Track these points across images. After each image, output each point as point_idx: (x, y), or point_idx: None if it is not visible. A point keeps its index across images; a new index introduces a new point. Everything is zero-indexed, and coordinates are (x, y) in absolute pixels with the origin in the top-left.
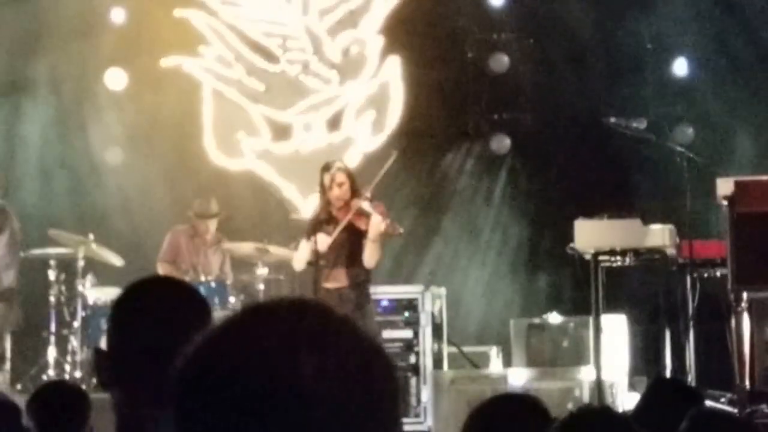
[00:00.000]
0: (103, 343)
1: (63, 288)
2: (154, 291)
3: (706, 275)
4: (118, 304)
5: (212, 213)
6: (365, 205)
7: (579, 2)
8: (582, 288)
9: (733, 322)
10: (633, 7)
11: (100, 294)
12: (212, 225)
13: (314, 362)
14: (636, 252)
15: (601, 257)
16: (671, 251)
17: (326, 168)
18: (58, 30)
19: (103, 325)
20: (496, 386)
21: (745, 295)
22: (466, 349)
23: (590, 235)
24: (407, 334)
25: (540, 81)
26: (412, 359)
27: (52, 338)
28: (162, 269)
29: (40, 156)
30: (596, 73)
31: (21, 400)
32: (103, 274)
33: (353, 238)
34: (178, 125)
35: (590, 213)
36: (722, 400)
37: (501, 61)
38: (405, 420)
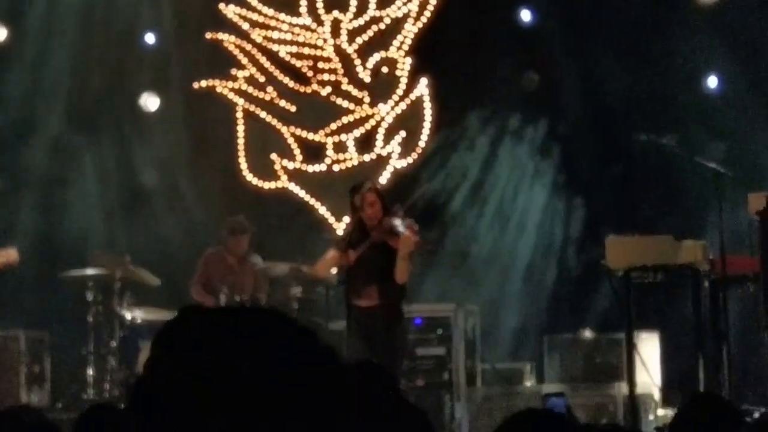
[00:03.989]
0: (141, 363)
1: (101, 308)
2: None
3: (739, 290)
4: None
5: (243, 229)
6: (396, 223)
7: (611, 22)
8: (614, 304)
9: (766, 336)
10: (665, 24)
11: (137, 314)
12: (244, 241)
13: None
14: (668, 268)
15: (633, 273)
16: (703, 267)
17: (357, 189)
18: (92, 54)
19: (141, 344)
20: (529, 402)
21: None
22: (500, 365)
23: (622, 251)
24: (440, 351)
25: (571, 97)
26: (446, 376)
27: (91, 357)
28: (195, 294)
29: (77, 179)
30: (627, 89)
31: (62, 417)
32: (140, 294)
33: (384, 255)
34: (212, 147)
35: (622, 230)
36: (756, 415)
37: (533, 78)
38: None
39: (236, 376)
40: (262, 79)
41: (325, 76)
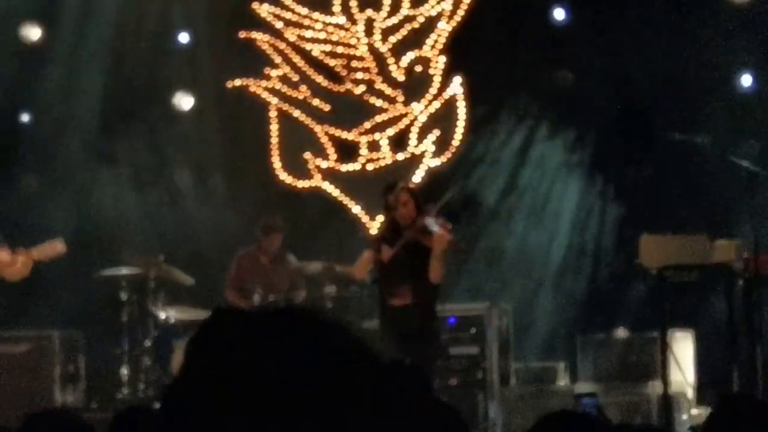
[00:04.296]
0: (175, 362)
1: (135, 308)
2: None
3: None
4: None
5: (277, 228)
6: (430, 223)
7: (644, 20)
8: (648, 303)
9: None
10: (699, 23)
11: (171, 313)
12: (277, 240)
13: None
14: (702, 267)
15: (667, 273)
16: (737, 266)
17: (390, 188)
18: (126, 54)
19: (174, 343)
20: (562, 402)
21: None
22: (533, 364)
23: (656, 250)
24: (474, 350)
25: (606, 94)
26: (479, 376)
27: (125, 357)
28: (229, 295)
29: (112, 178)
30: (660, 87)
31: (96, 417)
32: (174, 293)
33: (418, 255)
34: (245, 146)
35: (655, 228)
36: None
37: (566, 77)
38: None
39: (269, 378)
40: (295, 78)
41: (359, 75)
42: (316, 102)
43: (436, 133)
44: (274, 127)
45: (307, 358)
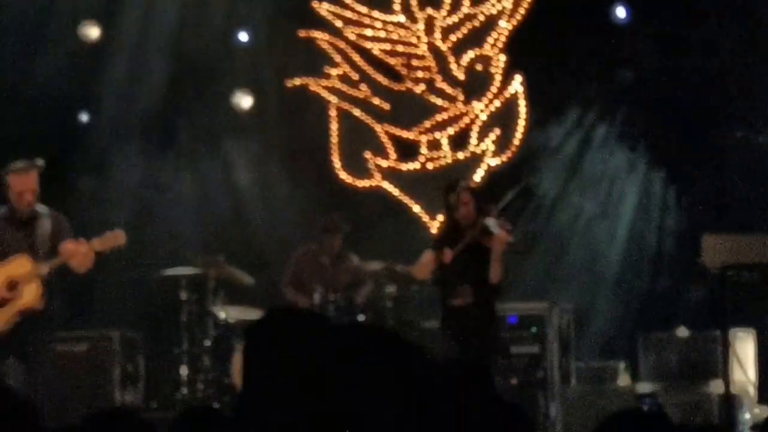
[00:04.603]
0: (235, 363)
1: (194, 307)
2: (283, 325)
3: None
4: (248, 341)
5: (336, 227)
6: (490, 223)
7: (704, 18)
8: (710, 302)
9: None
10: (762, 20)
11: (230, 313)
12: (336, 239)
13: None
14: (764, 267)
15: (729, 272)
16: None
17: (451, 188)
18: (186, 53)
19: (234, 343)
20: (623, 400)
21: None
22: (594, 363)
23: (718, 249)
24: (534, 349)
25: (667, 93)
26: (540, 375)
27: (184, 357)
28: (288, 293)
29: (172, 178)
30: (721, 85)
31: (156, 417)
32: (234, 293)
33: (479, 255)
34: (305, 145)
35: (718, 228)
36: None
37: (626, 75)
38: None
39: (321, 378)
40: (355, 76)
41: (419, 74)
42: (376, 101)
43: (497, 132)
44: (334, 127)
45: (359, 361)
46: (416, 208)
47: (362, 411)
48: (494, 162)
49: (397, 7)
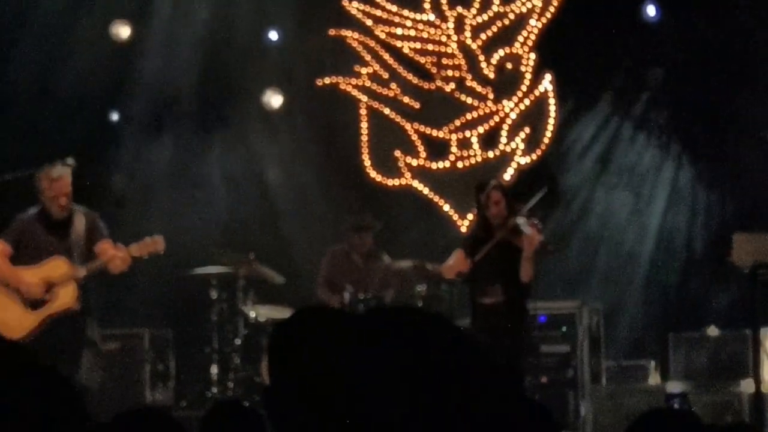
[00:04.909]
0: (264, 361)
1: (225, 306)
2: (309, 325)
3: None
4: (274, 341)
5: (367, 225)
6: (521, 223)
7: (735, 17)
8: (740, 301)
9: None
10: None
11: (261, 311)
12: (367, 238)
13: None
14: None
15: (759, 270)
16: None
17: (482, 187)
18: (216, 52)
19: (264, 342)
20: (654, 399)
21: None
22: (624, 362)
23: (749, 248)
24: (564, 348)
25: (696, 91)
26: (570, 374)
27: (215, 355)
28: (321, 292)
29: (202, 176)
30: (751, 84)
31: (186, 415)
32: (264, 291)
33: (509, 254)
34: (335, 144)
35: (748, 227)
36: None
37: (656, 74)
38: None
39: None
40: (385, 75)
41: (449, 72)
42: (406, 99)
43: (527, 130)
44: (364, 125)
45: (391, 359)
46: (446, 207)
47: (388, 411)
48: (524, 161)
49: (427, 5)
